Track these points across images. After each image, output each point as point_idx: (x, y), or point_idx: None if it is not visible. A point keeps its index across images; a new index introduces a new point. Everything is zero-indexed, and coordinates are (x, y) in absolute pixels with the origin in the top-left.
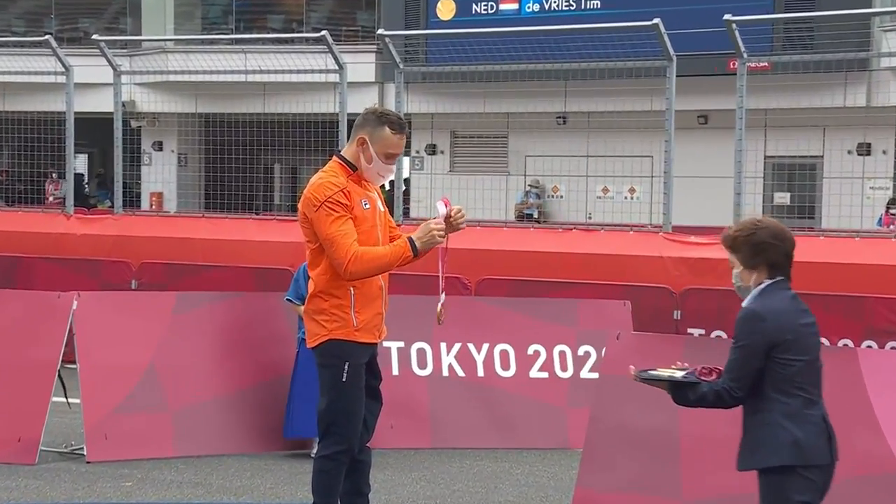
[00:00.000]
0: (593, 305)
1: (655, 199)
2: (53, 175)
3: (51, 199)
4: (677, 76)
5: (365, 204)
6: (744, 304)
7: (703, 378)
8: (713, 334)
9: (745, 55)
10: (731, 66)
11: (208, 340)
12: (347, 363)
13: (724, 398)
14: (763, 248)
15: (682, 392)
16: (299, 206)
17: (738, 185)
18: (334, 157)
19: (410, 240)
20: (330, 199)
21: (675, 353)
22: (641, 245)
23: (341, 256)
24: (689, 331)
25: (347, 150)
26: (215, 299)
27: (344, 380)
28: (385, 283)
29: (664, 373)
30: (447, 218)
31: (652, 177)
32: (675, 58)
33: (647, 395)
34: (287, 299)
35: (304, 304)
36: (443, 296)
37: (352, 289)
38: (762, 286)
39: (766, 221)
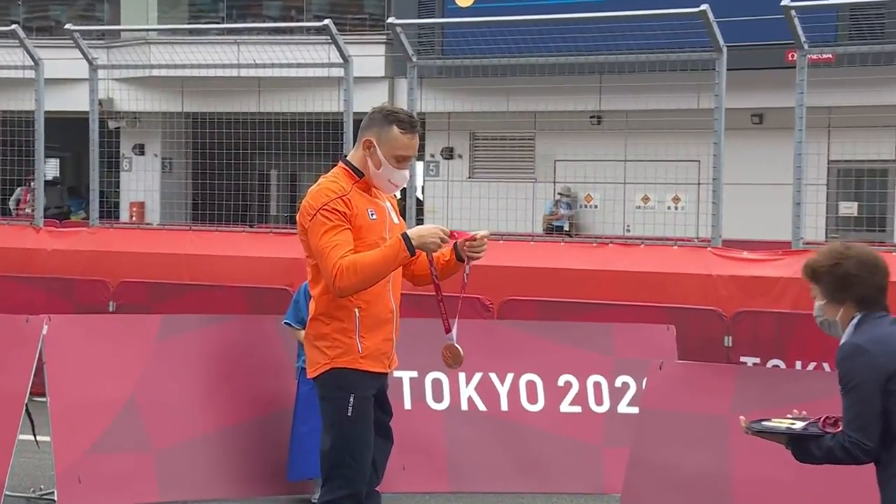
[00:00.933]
0: (632, 330)
1: (703, 210)
2: (31, 183)
3: (27, 209)
4: (728, 70)
5: (372, 214)
6: (841, 340)
7: (827, 430)
8: (769, 363)
9: (805, 46)
10: (790, 59)
11: (197, 370)
12: (353, 395)
13: (854, 453)
14: (850, 282)
15: (805, 447)
16: (298, 217)
17: (798, 194)
18: (339, 163)
19: (404, 235)
20: (326, 207)
21: (725, 385)
22: (687, 261)
23: (327, 271)
24: (742, 359)
25: (354, 154)
26: (204, 323)
27: (349, 414)
28: (396, 305)
29: (781, 424)
30: (469, 239)
31: (699, 184)
32: (725, 49)
33: (693, 433)
34: (286, 323)
35: (304, 328)
36: (454, 331)
37: (356, 310)
38: (856, 319)
39: (854, 250)
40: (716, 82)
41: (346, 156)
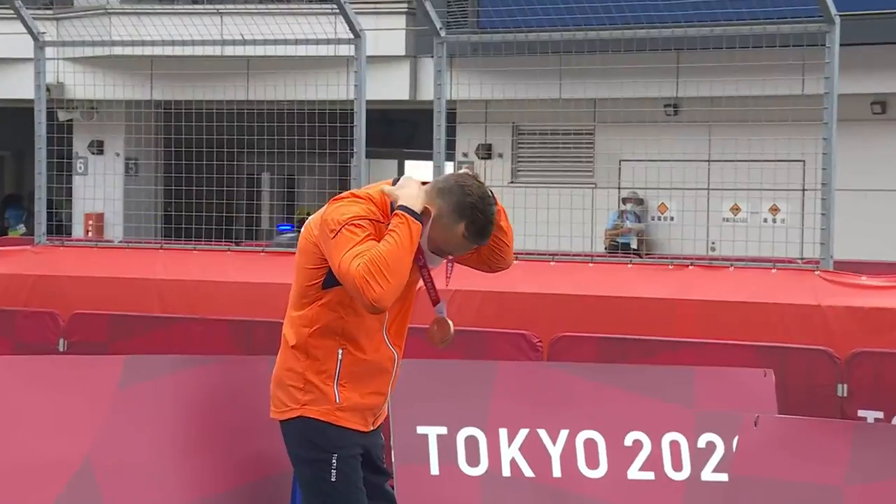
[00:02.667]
0: (719, 376)
1: (808, 223)
2: None
3: None
4: (842, 45)
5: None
6: None
7: None
8: None
9: None
10: None
11: (169, 425)
12: (335, 455)
13: None
14: None
15: None
16: (307, 225)
17: None
18: (381, 193)
19: (402, 208)
20: (355, 220)
21: (838, 447)
22: (789, 288)
23: (355, 290)
24: (861, 413)
25: (410, 194)
26: (179, 366)
27: (333, 479)
28: (398, 351)
29: None
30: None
31: (803, 189)
32: (838, 19)
33: None
34: None
35: None
36: (443, 303)
37: (339, 351)
38: None
39: None
40: (826, 62)
41: (396, 180)
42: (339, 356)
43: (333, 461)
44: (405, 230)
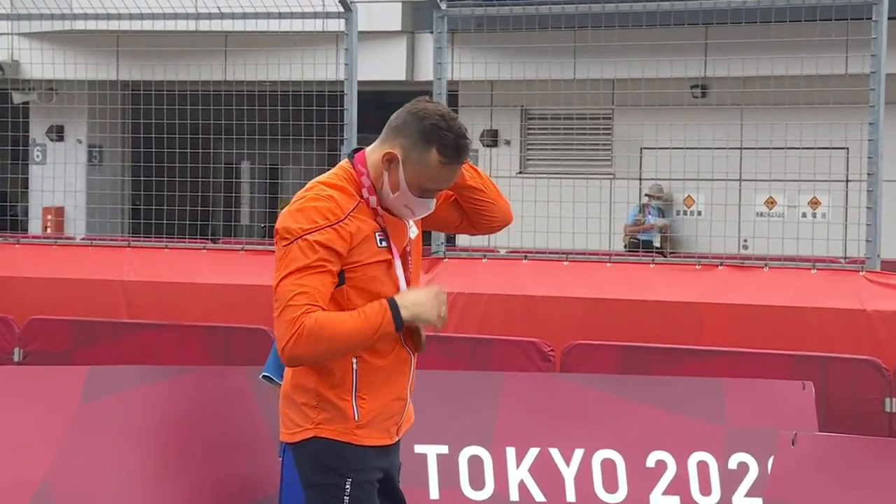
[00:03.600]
0: (752, 388)
1: (853, 218)
2: None
3: None
4: (890, 19)
5: (381, 241)
6: None
7: None
8: None
9: None
10: None
11: (137, 444)
12: (349, 481)
13: None
14: None
15: None
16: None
17: None
18: (346, 161)
19: (392, 304)
20: (309, 237)
21: (888, 469)
22: (830, 291)
23: (283, 326)
24: None
25: (371, 153)
26: (149, 378)
27: None
28: (412, 349)
29: None
30: None
31: (846, 181)
32: None
33: None
34: (264, 377)
35: None
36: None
37: (354, 360)
38: None
39: None
40: (872, 37)
41: (357, 150)
42: (354, 366)
43: (347, 486)
44: (372, 326)
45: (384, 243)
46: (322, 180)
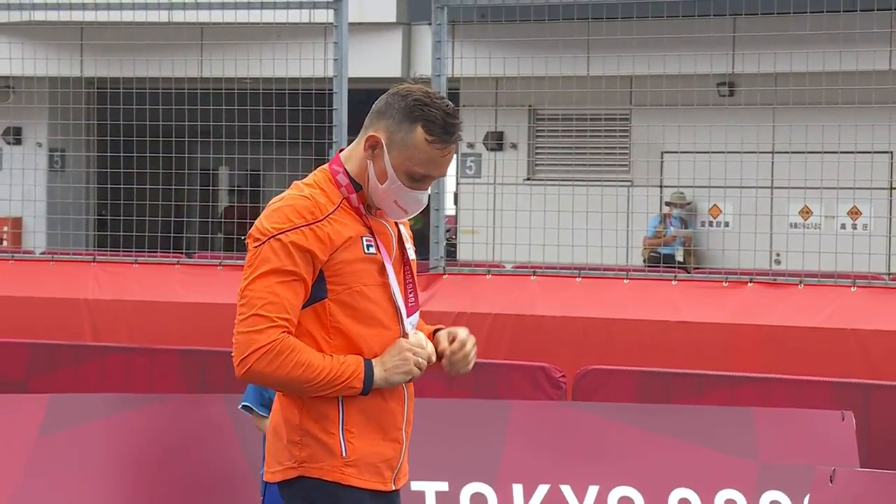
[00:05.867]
0: (787, 419)
1: None
2: None
3: None
4: None
5: (368, 247)
6: None
7: None
8: None
9: None
10: None
11: (102, 481)
12: None
13: None
14: None
15: None
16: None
17: None
18: (324, 167)
19: (368, 365)
20: (283, 237)
21: None
22: (872, 310)
23: (243, 335)
24: None
25: (351, 151)
26: (116, 407)
27: None
28: (408, 386)
29: None
30: (441, 356)
31: (891, 188)
32: None
33: None
34: (243, 407)
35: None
36: (415, 317)
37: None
38: None
39: None
40: None
41: (336, 151)
42: (341, 397)
43: None
44: (340, 377)
45: (372, 249)
46: (302, 181)
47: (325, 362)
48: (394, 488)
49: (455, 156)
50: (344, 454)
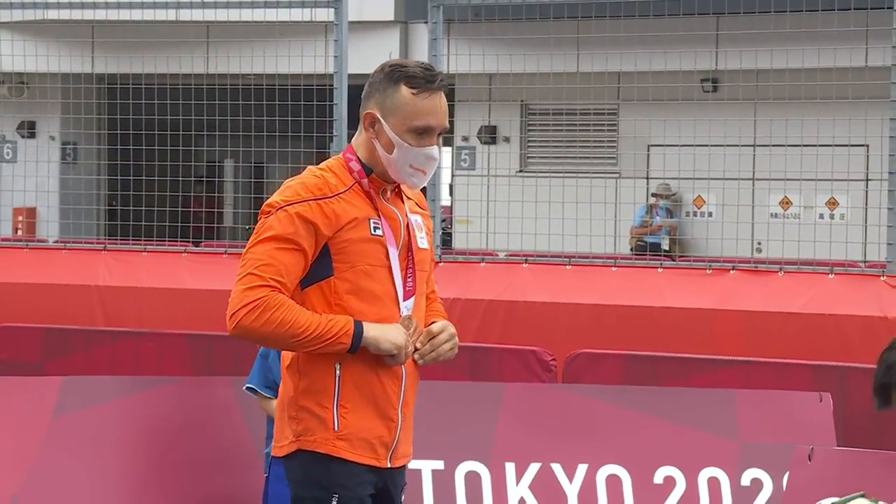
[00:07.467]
0: (766, 400)
1: (873, 219)
2: None
3: None
4: None
5: (375, 228)
6: None
7: None
8: None
9: None
10: None
11: (114, 460)
12: (336, 496)
13: None
14: None
15: None
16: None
17: None
18: (338, 156)
19: (358, 325)
20: (290, 207)
21: None
22: (849, 297)
23: (238, 291)
24: None
25: (358, 140)
26: (127, 390)
27: None
28: (407, 367)
29: None
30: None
31: (867, 180)
32: None
33: None
34: (248, 388)
35: (277, 395)
36: (410, 301)
37: (338, 365)
38: None
39: None
40: (894, 27)
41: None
42: (338, 371)
43: (333, 502)
44: (329, 332)
45: (378, 231)
46: (315, 166)
47: (312, 319)
48: (389, 466)
49: (451, 148)
50: (336, 427)
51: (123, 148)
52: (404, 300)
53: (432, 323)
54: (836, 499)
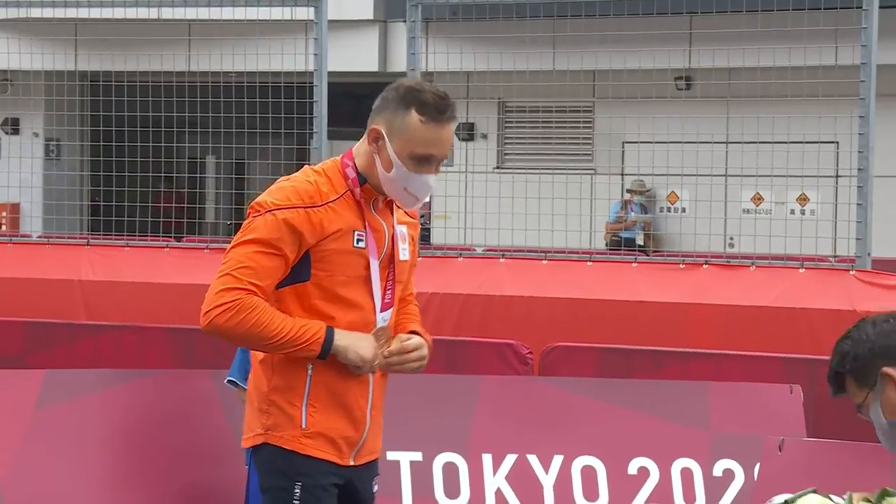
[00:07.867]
0: (737, 392)
1: (842, 215)
2: None
3: None
4: (881, 8)
5: (359, 241)
6: None
7: None
8: None
9: None
10: None
11: (96, 452)
12: (299, 485)
13: None
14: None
15: None
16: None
17: None
18: (336, 158)
19: (330, 332)
20: (279, 212)
21: (878, 475)
22: (819, 291)
23: (214, 290)
24: None
25: (359, 148)
26: (109, 383)
27: None
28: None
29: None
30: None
31: (836, 176)
32: None
33: None
34: (229, 381)
35: None
36: (388, 313)
37: (310, 366)
38: None
39: None
40: (863, 27)
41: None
42: (309, 372)
43: (296, 491)
44: (301, 337)
45: (361, 243)
46: (312, 168)
47: (285, 324)
48: (352, 464)
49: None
50: (304, 425)
51: (106, 144)
52: (381, 311)
53: (411, 334)
54: (788, 495)
